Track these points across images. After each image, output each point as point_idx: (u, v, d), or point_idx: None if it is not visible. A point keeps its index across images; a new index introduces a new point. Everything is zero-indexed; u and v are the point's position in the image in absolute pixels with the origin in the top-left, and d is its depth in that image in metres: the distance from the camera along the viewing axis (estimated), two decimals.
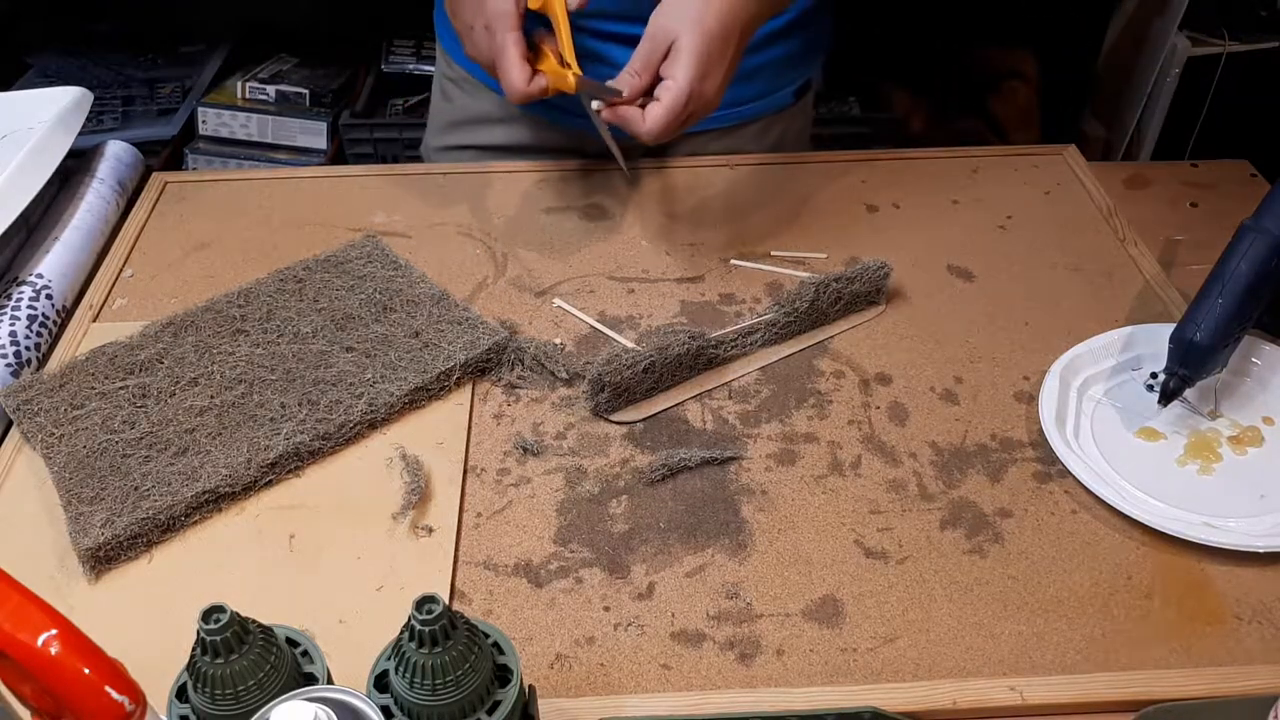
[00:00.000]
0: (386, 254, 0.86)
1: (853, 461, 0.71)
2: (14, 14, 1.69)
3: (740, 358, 0.79)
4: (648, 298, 0.85)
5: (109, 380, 0.74)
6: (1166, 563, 0.65)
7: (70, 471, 0.68)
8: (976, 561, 0.65)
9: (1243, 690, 0.57)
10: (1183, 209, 0.97)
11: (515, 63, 0.77)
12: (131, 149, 1.01)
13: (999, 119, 1.69)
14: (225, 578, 0.64)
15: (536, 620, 0.62)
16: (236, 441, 0.70)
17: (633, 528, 0.67)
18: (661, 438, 0.73)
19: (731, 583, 0.64)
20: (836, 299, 0.80)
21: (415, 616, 0.43)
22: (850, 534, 0.66)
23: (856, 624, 0.61)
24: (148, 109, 1.65)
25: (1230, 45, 1.48)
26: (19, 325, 0.79)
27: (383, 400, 0.73)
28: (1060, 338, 0.80)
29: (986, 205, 0.95)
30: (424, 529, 0.67)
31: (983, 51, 1.71)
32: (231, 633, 0.43)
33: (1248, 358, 0.77)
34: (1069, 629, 0.61)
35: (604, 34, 0.90)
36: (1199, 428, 0.74)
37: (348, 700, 0.42)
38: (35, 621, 0.39)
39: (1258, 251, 0.69)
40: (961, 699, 0.57)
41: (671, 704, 0.57)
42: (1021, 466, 0.71)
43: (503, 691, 0.46)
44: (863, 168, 1.00)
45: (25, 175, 0.83)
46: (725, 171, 0.99)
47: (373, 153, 1.65)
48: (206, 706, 0.44)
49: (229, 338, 0.78)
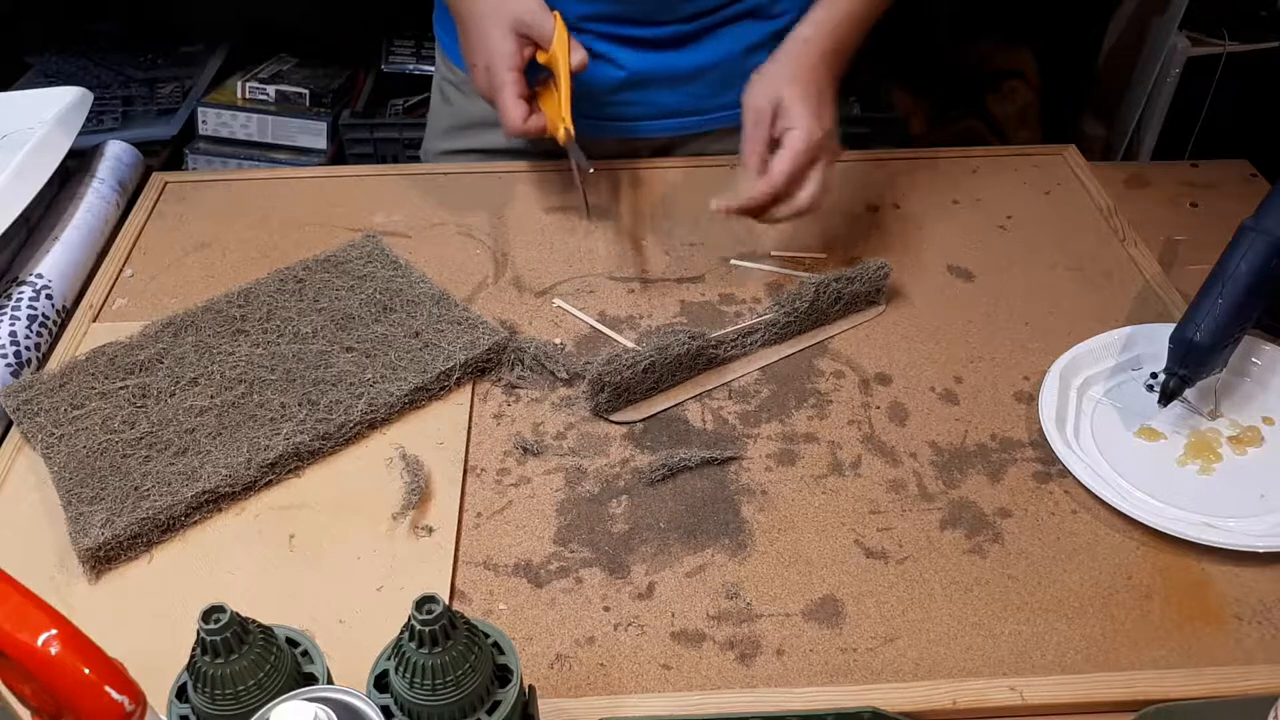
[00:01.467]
0: (386, 254, 0.86)
1: (853, 461, 0.71)
2: (14, 14, 1.69)
3: (740, 358, 0.79)
4: (648, 298, 0.85)
5: (109, 380, 0.74)
6: (1166, 563, 0.65)
7: (70, 471, 0.68)
8: (976, 561, 0.65)
9: (1243, 690, 0.57)
10: (1183, 209, 0.97)
11: (512, 100, 0.80)
12: (131, 149, 1.01)
13: (999, 119, 1.69)
14: (225, 578, 0.64)
15: (536, 620, 0.62)
16: (236, 441, 0.70)
17: (633, 528, 0.67)
18: (661, 438, 0.73)
19: (731, 583, 0.64)
20: (836, 299, 0.80)
21: (415, 616, 0.43)
22: (850, 534, 0.66)
23: (856, 624, 0.61)
24: (148, 109, 1.65)
25: (1230, 45, 1.48)
26: (19, 325, 0.79)
27: (383, 400, 0.73)
28: (1060, 338, 0.80)
29: (986, 205, 0.95)
30: (424, 529, 0.67)
31: (982, 51, 1.71)
32: (231, 633, 0.43)
33: (1248, 358, 0.77)
34: (1069, 629, 0.61)
35: (610, 36, 0.91)
36: (1199, 428, 0.74)
37: (348, 700, 0.42)
38: (35, 621, 0.39)
39: (1258, 251, 0.69)
40: (961, 699, 0.57)
41: (671, 704, 0.57)
42: (1021, 466, 0.71)
43: (503, 691, 0.46)
44: (863, 168, 1.00)
45: (25, 175, 0.83)
46: (725, 171, 0.99)
47: (373, 153, 1.65)
48: (206, 706, 0.44)
49: (229, 338, 0.78)
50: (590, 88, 0.89)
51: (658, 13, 0.89)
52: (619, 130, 0.97)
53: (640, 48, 0.91)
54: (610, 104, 0.93)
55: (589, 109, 0.94)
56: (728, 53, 0.93)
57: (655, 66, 0.92)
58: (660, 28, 0.91)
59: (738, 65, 0.92)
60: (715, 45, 0.93)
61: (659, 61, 0.92)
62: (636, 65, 0.92)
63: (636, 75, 0.92)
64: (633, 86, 0.94)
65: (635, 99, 0.95)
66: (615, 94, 0.94)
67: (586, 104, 0.92)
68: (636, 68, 0.92)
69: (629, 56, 0.91)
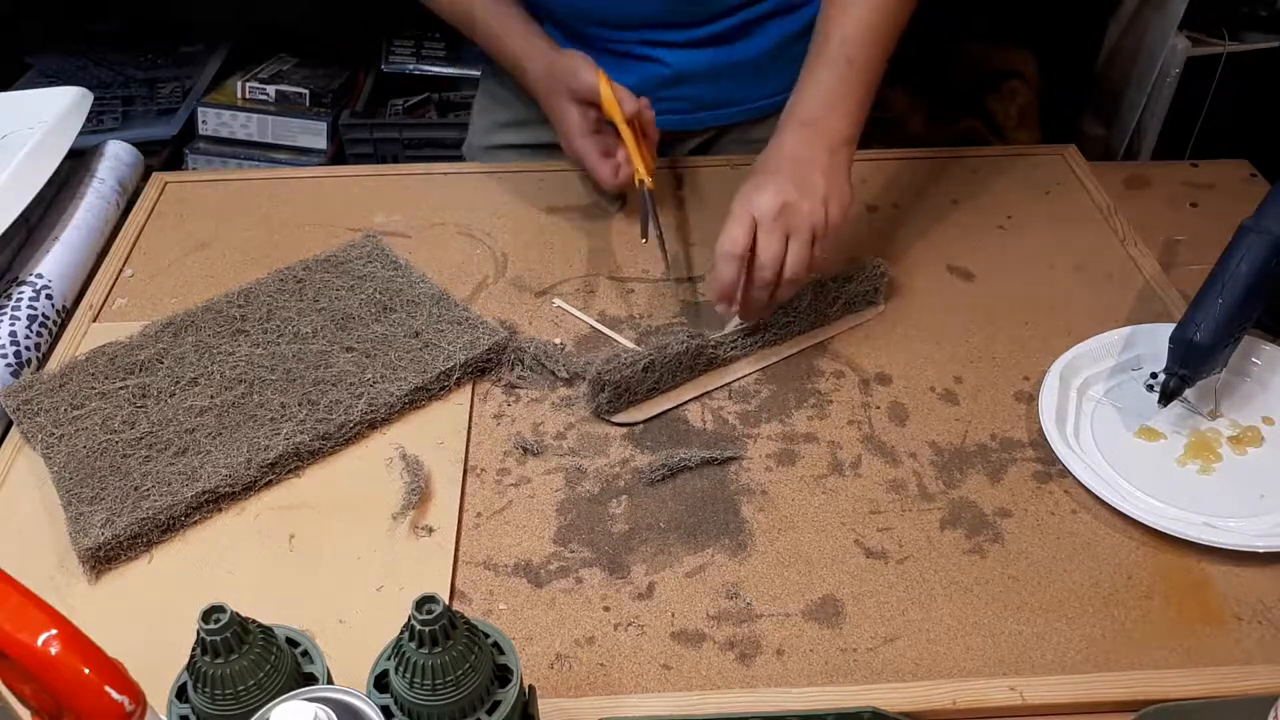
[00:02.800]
0: (386, 254, 0.86)
1: (853, 461, 0.71)
2: (14, 14, 1.69)
3: (740, 358, 0.79)
4: (648, 298, 0.85)
5: (109, 380, 0.74)
6: (1166, 563, 0.65)
7: (70, 471, 0.68)
8: (976, 561, 0.65)
9: (1243, 690, 0.57)
10: (1183, 209, 0.97)
11: (596, 163, 0.88)
12: (131, 149, 1.01)
13: (998, 119, 1.69)
14: (225, 578, 0.64)
15: (536, 620, 0.62)
16: (236, 441, 0.70)
17: (633, 528, 0.67)
18: (661, 438, 0.73)
19: (731, 583, 0.64)
20: (835, 299, 0.80)
21: (415, 616, 0.43)
22: (850, 534, 0.66)
23: (856, 624, 0.61)
24: (148, 109, 1.65)
25: (1230, 45, 1.48)
26: (19, 325, 0.79)
27: (383, 400, 0.73)
28: (1060, 338, 0.80)
29: (986, 205, 0.95)
30: (424, 529, 0.67)
31: (982, 51, 1.71)
32: (231, 633, 0.43)
33: (1248, 358, 0.77)
34: (1069, 629, 0.61)
35: (651, 42, 0.94)
36: (1199, 428, 0.74)
37: (348, 700, 0.42)
38: (35, 621, 0.39)
39: (1258, 251, 0.68)
40: (961, 699, 0.57)
41: (671, 704, 0.57)
42: (1021, 466, 0.71)
43: (503, 691, 0.46)
44: (863, 168, 0.99)
45: (25, 175, 0.83)
46: (725, 171, 0.99)
47: (373, 153, 1.65)
48: (206, 706, 0.44)
49: (229, 338, 0.78)
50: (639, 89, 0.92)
51: (693, 13, 0.92)
52: (666, 124, 0.98)
53: (682, 48, 0.94)
54: (659, 100, 0.95)
55: None
56: (762, 48, 0.96)
57: (697, 64, 0.95)
58: (696, 29, 0.93)
59: (777, 56, 0.95)
60: (750, 42, 0.95)
61: (701, 59, 0.95)
62: (680, 64, 0.95)
63: (681, 73, 0.95)
64: (678, 83, 0.96)
65: (682, 94, 0.97)
66: (662, 90, 0.96)
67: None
68: (681, 66, 0.95)
69: (676, 56, 0.94)
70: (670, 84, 0.96)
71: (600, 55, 0.91)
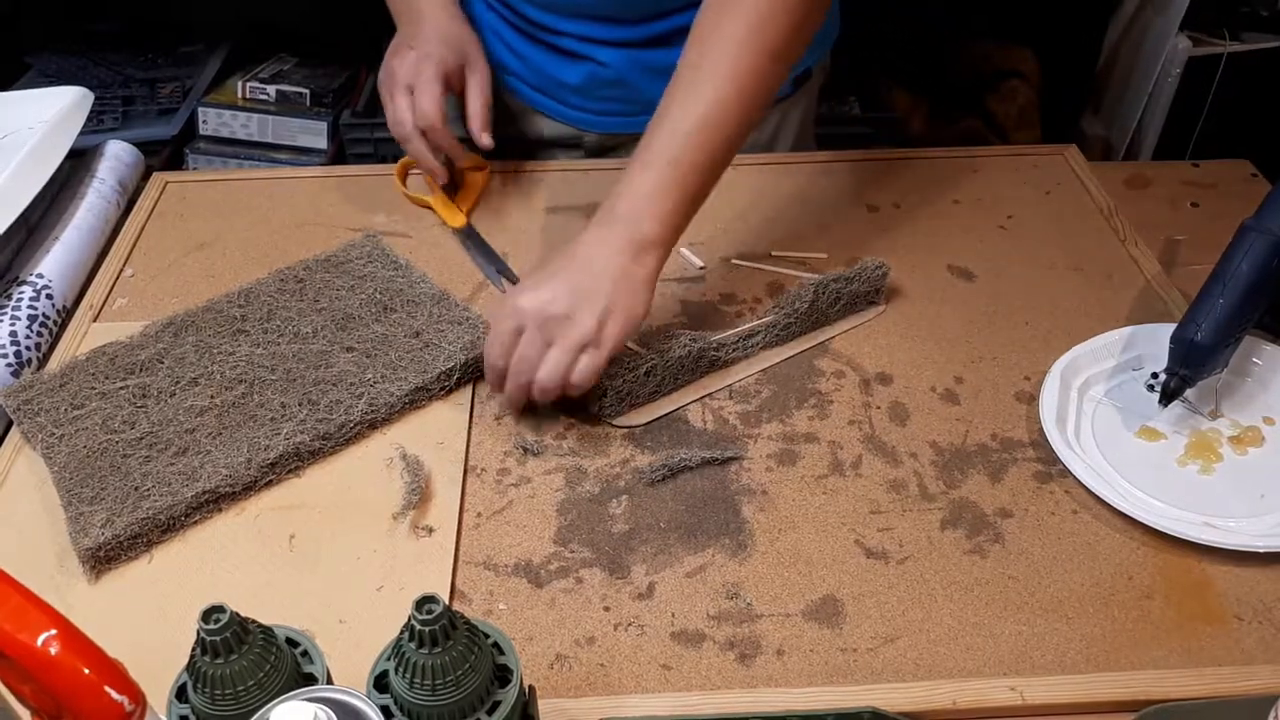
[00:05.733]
0: (387, 254, 0.86)
1: (853, 461, 0.71)
2: (14, 14, 1.69)
3: (742, 359, 0.79)
4: None
5: (109, 380, 0.74)
6: (1166, 563, 0.65)
7: (70, 471, 0.68)
8: (977, 561, 0.65)
9: (1243, 690, 0.57)
10: (1183, 209, 0.97)
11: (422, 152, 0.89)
12: (132, 149, 1.01)
13: (999, 119, 1.69)
14: (225, 578, 0.64)
15: (536, 620, 0.62)
16: (236, 441, 0.70)
17: (633, 528, 0.67)
18: (662, 438, 0.73)
19: (731, 583, 0.64)
20: (836, 299, 0.80)
21: (415, 616, 0.43)
22: (850, 534, 0.66)
23: (856, 624, 0.61)
24: (148, 109, 1.64)
25: (1230, 45, 1.48)
26: (19, 325, 0.79)
27: (383, 400, 0.73)
28: (1060, 338, 0.80)
29: (986, 205, 0.95)
30: (424, 529, 0.67)
31: (982, 51, 1.71)
32: (231, 633, 0.43)
33: (1248, 358, 0.77)
34: (1069, 629, 0.61)
35: (592, 39, 0.93)
36: (1199, 428, 0.74)
37: (348, 700, 0.42)
38: (35, 621, 0.39)
39: (1259, 251, 0.68)
40: (961, 699, 0.57)
41: (671, 704, 0.57)
42: (1022, 466, 0.71)
43: (503, 691, 0.46)
44: (863, 168, 1.00)
45: (25, 175, 0.83)
46: (725, 171, 0.99)
47: (373, 153, 1.65)
48: (206, 706, 0.44)
49: (229, 338, 0.78)
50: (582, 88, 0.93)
51: (626, 11, 0.91)
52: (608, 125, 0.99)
53: (621, 47, 0.93)
54: (600, 100, 0.96)
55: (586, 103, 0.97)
56: None
57: (637, 65, 0.94)
58: (633, 28, 0.92)
59: None
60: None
61: (640, 60, 0.94)
62: (620, 64, 0.94)
63: (622, 75, 0.94)
64: (618, 84, 0.95)
65: (623, 95, 0.96)
66: (604, 90, 0.96)
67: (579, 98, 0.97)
68: (620, 67, 0.94)
69: (614, 56, 0.93)
70: (611, 84, 0.95)
71: (544, 51, 0.91)
